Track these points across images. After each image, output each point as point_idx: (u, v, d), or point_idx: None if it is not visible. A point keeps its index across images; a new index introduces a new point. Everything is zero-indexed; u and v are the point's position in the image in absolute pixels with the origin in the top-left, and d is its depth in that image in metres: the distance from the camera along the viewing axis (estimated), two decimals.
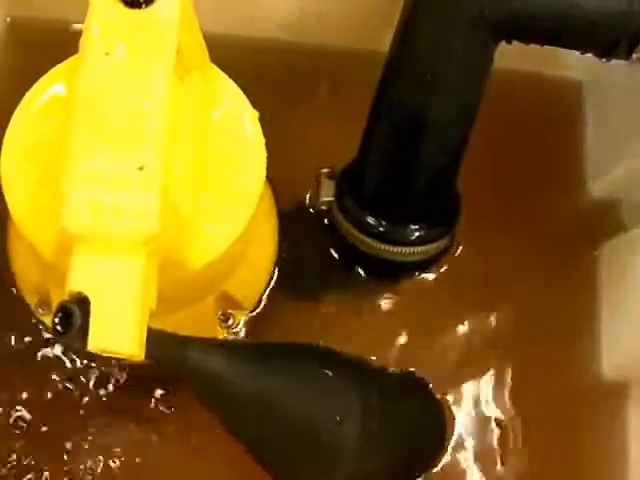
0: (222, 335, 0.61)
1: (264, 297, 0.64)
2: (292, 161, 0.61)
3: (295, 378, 0.52)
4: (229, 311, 0.62)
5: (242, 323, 0.63)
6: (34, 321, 0.63)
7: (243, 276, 0.59)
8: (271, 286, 0.64)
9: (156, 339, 0.43)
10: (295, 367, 0.52)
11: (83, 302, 0.41)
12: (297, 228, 0.66)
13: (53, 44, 0.55)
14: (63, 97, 0.51)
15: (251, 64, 0.55)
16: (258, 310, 0.64)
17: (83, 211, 0.42)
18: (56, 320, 0.41)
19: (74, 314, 0.40)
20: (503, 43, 0.53)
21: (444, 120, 0.57)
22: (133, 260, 0.42)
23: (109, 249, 0.42)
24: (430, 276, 0.69)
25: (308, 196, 0.68)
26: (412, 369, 0.64)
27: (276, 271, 0.65)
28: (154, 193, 0.42)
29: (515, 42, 0.53)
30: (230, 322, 0.62)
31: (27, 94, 0.52)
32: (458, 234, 0.66)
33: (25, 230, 0.49)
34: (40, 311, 0.61)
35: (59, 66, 0.52)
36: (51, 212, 0.47)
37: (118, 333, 0.41)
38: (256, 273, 0.62)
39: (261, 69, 0.55)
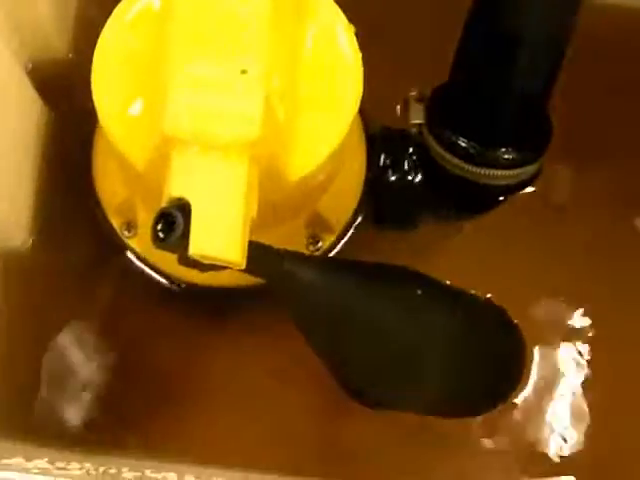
0: None
1: (353, 221, 0.62)
2: (379, 83, 0.59)
3: (386, 295, 0.52)
4: (318, 233, 0.60)
5: (329, 246, 0.61)
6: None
7: (334, 197, 0.58)
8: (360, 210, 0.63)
9: (254, 249, 0.42)
10: (386, 284, 0.52)
11: (184, 207, 0.40)
12: (384, 151, 0.63)
13: None
14: (154, 9, 0.49)
15: None
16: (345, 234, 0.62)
17: (184, 114, 0.41)
18: (158, 227, 0.40)
19: (176, 220, 0.40)
20: None
21: (538, 40, 0.56)
22: (236, 165, 0.41)
23: (210, 153, 0.41)
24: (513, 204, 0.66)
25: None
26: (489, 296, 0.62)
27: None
28: (257, 97, 0.41)
29: None
30: (319, 244, 0.61)
31: (117, 7, 0.51)
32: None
33: (117, 141, 0.48)
34: (126, 233, 0.61)
35: None
36: (144, 122, 0.47)
37: (221, 239, 0.40)
38: (347, 195, 0.61)
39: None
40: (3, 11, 0.56)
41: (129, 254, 0.63)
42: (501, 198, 0.67)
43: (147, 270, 0.63)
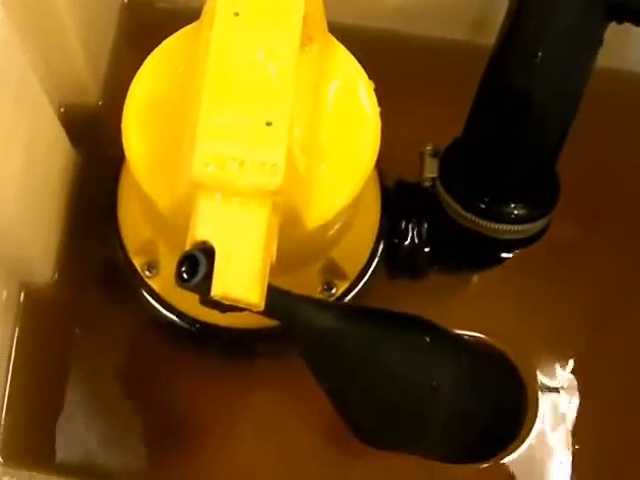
0: None
1: (366, 269, 0.64)
2: (395, 138, 0.61)
3: (397, 342, 0.53)
4: (332, 280, 0.62)
5: (342, 293, 0.63)
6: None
7: (349, 245, 0.60)
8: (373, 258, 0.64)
9: (272, 293, 0.44)
10: (398, 332, 0.53)
11: (207, 251, 0.42)
12: (398, 203, 0.66)
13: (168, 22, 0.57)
14: (184, 59, 0.52)
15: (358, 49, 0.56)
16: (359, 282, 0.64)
17: (211, 162, 0.43)
18: (182, 268, 0.42)
19: (200, 262, 0.42)
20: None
21: (550, 102, 0.58)
22: (258, 211, 0.43)
23: (235, 200, 0.44)
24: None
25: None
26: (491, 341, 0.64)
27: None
28: (281, 148, 0.44)
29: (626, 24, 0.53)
30: (333, 291, 0.62)
31: (149, 57, 0.54)
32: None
33: (144, 185, 0.51)
34: (147, 274, 0.62)
35: (179, 32, 0.54)
36: (171, 167, 0.49)
37: (242, 281, 0.42)
38: (361, 243, 0.63)
39: (367, 54, 0.56)
40: (39, 55, 0.59)
41: (148, 294, 0.63)
42: (509, 254, 0.68)
43: (164, 311, 0.64)
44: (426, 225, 0.65)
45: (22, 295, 0.66)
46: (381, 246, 0.65)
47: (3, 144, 0.52)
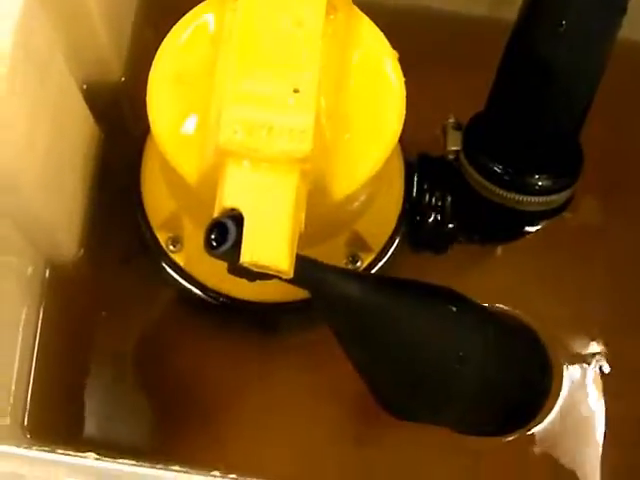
0: None
1: (391, 242, 0.64)
2: (418, 111, 0.61)
3: (424, 312, 0.53)
4: (357, 253, 0.62)
5: (367, 266, 0.63)
6: None
7: (374, 218, 0.60)
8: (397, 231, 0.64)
9: (300, 261, 0.44)
10: (425, 302, 0.53)
11: (236, 218, 0.42)
12: (422, 176, 0.65)
13: None
14: (209, 30, 0.52)
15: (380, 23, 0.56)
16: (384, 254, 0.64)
17: (238, 128, 0.43)
18: (212, 235, 0.42)
19: (229, 229, 0.42)
20: None
21: (573, 72, 0.57)
22: (287, 178, 0.43)
23: (263, 167, 0.44)
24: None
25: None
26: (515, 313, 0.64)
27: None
28: (310, 114, 0.44)
29: None
30: (358, 264, 0.62)
31: (174, 27, 0.53)
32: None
33: (170, 156, 0.51)
34: (171, 248, 0.62)
35: (204, 2, 0.53)
36: (196, 138, 0.49)
37: (271, 248, 0.42)
38: (385, 216, 0.63)
39: (389, 29, 0.56)
40: (63, 32, 0.59)
41: (172, 269, 0.64)
42: (533, 226, 0.68)
43: (188, 285, 0.64)
44: (450, 199, 0.65)
45: (47, 271, 0.66)
46: (405, 220, 0.64)
47: (28, 119, 0.52)
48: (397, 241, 0.64)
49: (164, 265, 0.64)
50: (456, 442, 0.63)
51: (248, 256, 0.42)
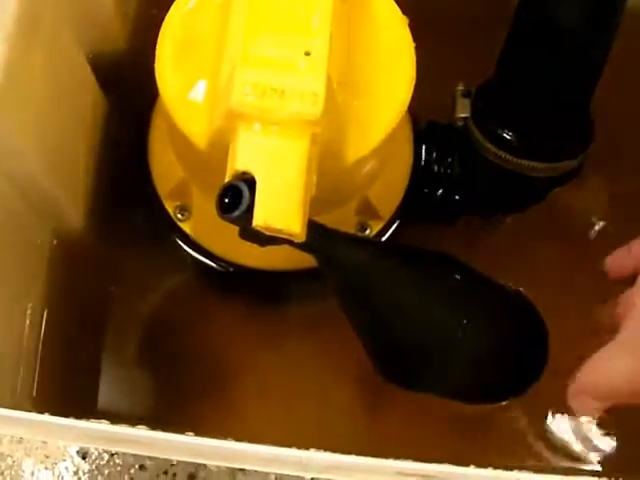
0: None
1: (400, 210, 0.64)
2: (426, 79, 0.61)
3: (427, 278, 0.54)
4: (366, 221, 0.62)
5: (376, 233, 0.63)
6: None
7: (383, 186, 0.60)
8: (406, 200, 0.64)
9: (311, 226, 0.44)
10: (428, 268, 0.54)
11: (249, 181, 0.42)
12: (430, 144, 0.65)
13: None
14: None
15: None
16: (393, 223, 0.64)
17: (250, 91, 0.43)
18: (225, 199, 0.42)
19: (243, 192, 0.41)
20: None
21: (585, 34, 0.57)
22: (299, 141, 0.43)
23: (275, 129, 0.43)
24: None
25: None
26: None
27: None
28: (321, 77, 0.43)
29: None
30: (367, 232, 0.62)
31: None
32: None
33: (180, 122, 0.50)
34: (179, 217, 0.62)
35: None
36: (206, 103, 0.49)
37: (284, 211, 0.42)
38: (395, 184, 0.63)
39: None
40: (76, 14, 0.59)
41: (180, 238, 0.64)
42: (542, 194, 0.67)
43: (197, 254, 0.64)
44: (458, 168, 0.64)
45: (54, 242, 0.65)
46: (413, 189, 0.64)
47: (32, 85, 0.52)
48: (405, 210, 0.64)
49: (172, 234, 0.63)
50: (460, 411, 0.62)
51: (261, 219, 0.41)
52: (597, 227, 0.70)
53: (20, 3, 0.48)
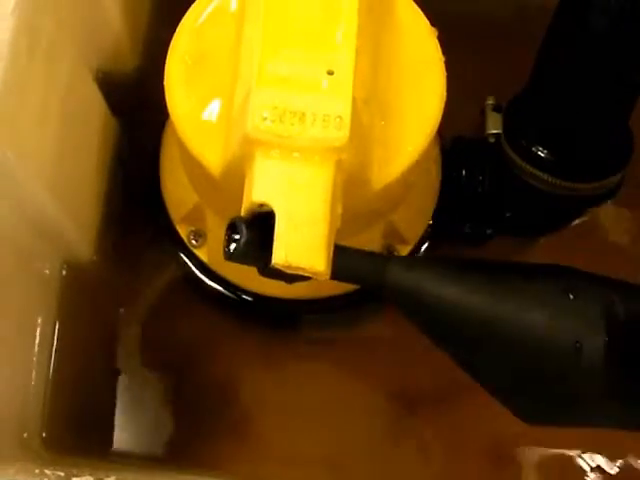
0: None
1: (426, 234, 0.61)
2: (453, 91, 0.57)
3: (521, 294, 0.44)
4: (393, 244, 0.59)
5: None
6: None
7: (410, 208, 0.56)
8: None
9: (348, 256, 0.40)
10: (520, 284, 0.45)
11: (264, 215, 0.38)
12: (459, 162, 0.61)
13: None
14: (230, 8, 0.48)
15: None
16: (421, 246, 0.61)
17: (268, 115, 0.39)
18: (226, 237, 0.39)
19: (239, 228, 0.38)
20: None
21: (626, 44, 0.52)
22: (322, 169, 0.39)
23: (295, 157, 0.39)
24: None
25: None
26: None
27: None
28: (347, 98, 0.40)
29: None
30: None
31: (193, 4, 0.49)
32: None
33: (192, 146, 0.47)
34: (193, 243, 0.59)
35: None
36: (220, 126, 0.45)
37: (307, 246, 0.38)
38: (422, 207, 0.59)
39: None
40: (79, 18, 0.56)
41: (193, 265, 0.61)
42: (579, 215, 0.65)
43: (211, 282, 0.61)
44: (489, 189, 0.60)
45: (64, 271, 0.62)
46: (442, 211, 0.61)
47: (36, 110, 0.49)
48: (434, 232, 0.61)
49: (186, 260, 0.60)
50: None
51: (281, 257, 0.38)
52: (634, 246, 0.67)
53: (18, 19, 0.44)
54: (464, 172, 0.62)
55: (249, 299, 0.60)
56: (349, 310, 0.61)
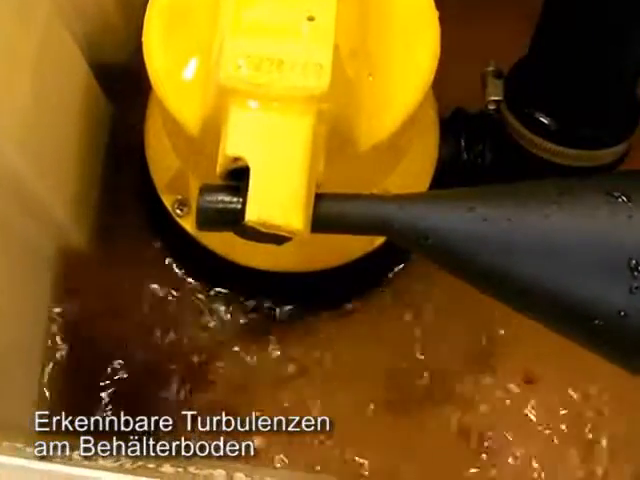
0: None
1: None
2: (449, 62, 0.55)
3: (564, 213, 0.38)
4: None
5: None
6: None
7: (404, 178, 0.53)
8: None
9: (337, 203, 0.37)
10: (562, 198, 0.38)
11: (239, 172, 0.36)
12: (457, 132, 0.59)
13: None
14: None
15: None
16: None
17: (243, 63, 0.37)
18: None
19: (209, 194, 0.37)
20: None
21: (627, 8, 0.50)
22: (301, 120, 0.37)
23: (272, 107, 0.37)
24: None
25: None
26: None
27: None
28: (327, 45, 0.37)
29: None
30: None
31: None
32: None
33: (170, 104, 0.45)
34: (178, 212, 0.57)
35: None
36: (198, 83, 0.43)
37: (282, 203, 0.35)
38: (417, 177, 0.56)
39: None
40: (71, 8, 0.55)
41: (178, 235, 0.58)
42: None
43: (195, 252, 0.58)
44: (490, 158, 0.57)
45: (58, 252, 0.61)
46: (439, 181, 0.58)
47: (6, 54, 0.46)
48: None
49: (171, 230, 0.58)
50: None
51: (254, 214, 0.35)
52: None
53: None
54: (463, 143, 0.60)
55: (234, 269, 0.57)
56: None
